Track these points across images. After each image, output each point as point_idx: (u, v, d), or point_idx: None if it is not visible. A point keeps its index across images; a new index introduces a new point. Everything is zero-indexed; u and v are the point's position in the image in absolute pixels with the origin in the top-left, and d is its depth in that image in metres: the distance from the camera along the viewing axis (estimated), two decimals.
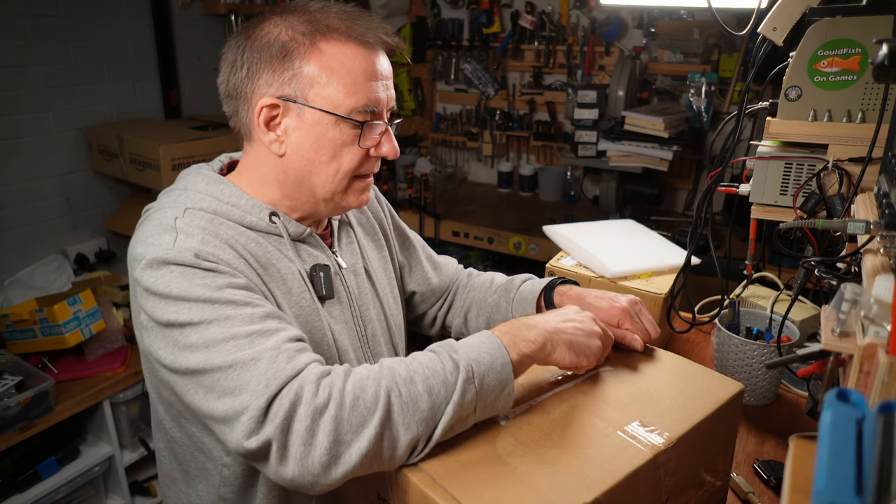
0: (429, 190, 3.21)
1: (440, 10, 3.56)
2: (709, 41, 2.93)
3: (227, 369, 0.76)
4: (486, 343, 0.82)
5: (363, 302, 1.08)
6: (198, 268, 0.81)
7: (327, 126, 0.91)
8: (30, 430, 1.94)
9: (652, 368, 0.96)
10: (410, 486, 0.74)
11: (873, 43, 0.71)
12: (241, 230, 0.93)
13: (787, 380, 1.37)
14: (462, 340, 0.84)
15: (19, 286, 2.42)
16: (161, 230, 0.86)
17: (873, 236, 0.74)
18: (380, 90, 0.93)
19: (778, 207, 1.16)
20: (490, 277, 1.30)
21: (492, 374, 0.79)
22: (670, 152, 2.67)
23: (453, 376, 0.77)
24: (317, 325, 0.97)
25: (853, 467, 0.35)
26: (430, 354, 0.81)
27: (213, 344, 0.77)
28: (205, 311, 0.79)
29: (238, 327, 0.78)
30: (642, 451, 0.75)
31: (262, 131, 0.93)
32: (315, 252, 1.02)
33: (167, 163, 2.34)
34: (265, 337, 0.78)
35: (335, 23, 0.91)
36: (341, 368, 0.78)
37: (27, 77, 2.42)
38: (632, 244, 1.58)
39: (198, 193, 0.94)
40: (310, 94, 0.90)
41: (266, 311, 0.82)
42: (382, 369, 0.78)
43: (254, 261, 0.91)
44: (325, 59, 0.89)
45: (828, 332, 0.64)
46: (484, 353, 0.80)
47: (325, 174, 0.94)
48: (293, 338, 0.81)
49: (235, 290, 0.82)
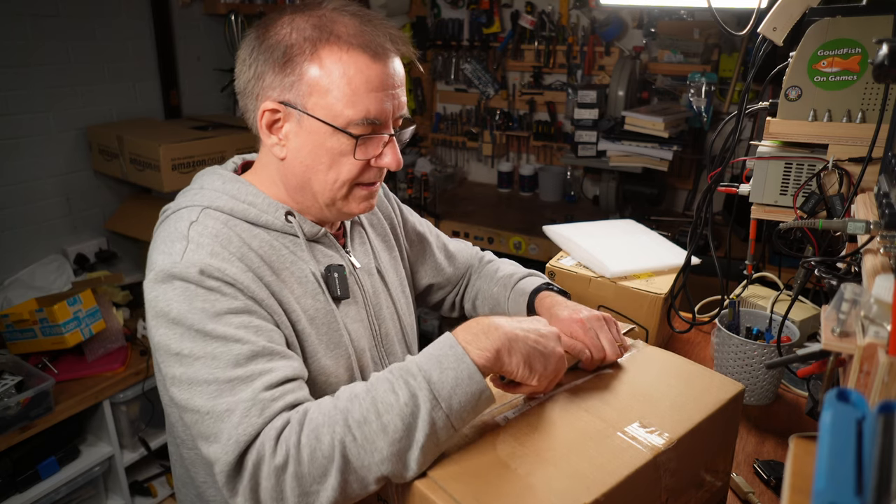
0: (429, 190, 3.21)
1: (440, 10, 3.56)
2: (709, 41, 2.93)
3: (205, 415, 0.78)
4: (449, 356, 0.77)
5: (377, 301, 1.09)
6: (200, 286, 0.82)
7: (325, 135, 0.90)
8: (30, 430, 1.94)
9: (652, 368, 0.96)
10: (411, 488, 0.74)
11: (873, 43, 0.71)
12: (256, 231, 0.93)
13: (787, 380, 1.37)
14: (424, 354, 0.79)
15: (19, 286, 2.42)
16: (174, 237, 0.88)
17: (873, 236, 0.74)
18: (384, 101, 0.90)
19: (778, 207, 1.16)
20: (496, 267, 1.32)
21: (460, 391, 0.75)
22: (670, 152, 2.67)
23: (409, 408, 0.74)
24: (333, 325, 0.97)
25: (853, 467, 0.35)
26: (387, 383, 0.76)
27: (195, 383, 0.79)
28: (195, 344, 0.80)
29: (221, 371, 0.79)
30: (642, 452, 0.75)
31: (266, 134, 0.93)
32: (329, 252, 1.02)
33: (167, 163, 2.34)
34: (245, 384, 0.78)
35: (341, 28, 0.88)
36: (298, 415, 0.77)
37: (27, 77, 2.42)
38: (632, 244, 1.58)
39: (215, 192, 0.95)
40: (309, 101, 0.89)
41: (255, 349, 0.81)
42: (336, 412, 0.76)
43: (265, 268, 0.90)
44: (326, 68, 0.88)
45: (828, 332, 0.64)
46: (448, 370, 0.76)
47: (323, 181, 0.94)
48: (274, 382, 0.79)
49: (233, 316, 0.82)
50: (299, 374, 0.84)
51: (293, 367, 0.83)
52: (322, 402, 0.78)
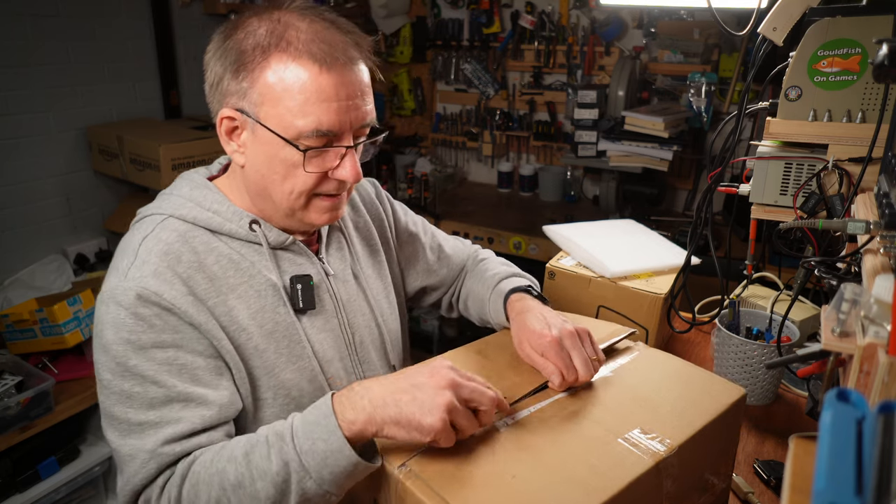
0: (429, 190, 3.21)
1: (440, 10, 3.56)
2: (709, 41, 2.93)
3: (114, 448, 0.84)
4: (322, 427, 0.76)
5: (351, 309, 1.05)
6: (133, 314, 0.83)
7: (278, 146, 0.87)
8: (30, 430, 1.94)
9: (652, 373, 0.95)
10: (408, 494, 0.73)
11: (873, 43, 0.71)
12: (215, 244, 0.92)
13: (787, 380, 1.37)
14: (303, 419, 0.79)
15: (19, 286, 2.42)
16: (127, 250, 0.89)
17: (873, 236, 0.74)
18: (338, 111, 0.86)
19: (778, 207, 1.16)
20: (485, 266, 1.27)
21: (330, 462, 0.74)
22: (670, 152, 2.67)
23: (281, 476, 0.75)
24: (295, 338, 0.95)
25: (853, 467, 0.35)
26: (264, 448, 0.77)
27: (109, 416, 0.84)
28: (114, 378, 0.83)
29: (134, 412, 0.82)
30: (643, 459, 0.75)
31: (225, 141, 0.92)
32: (300, 260, 0.99)
33: (167, 163, 2.34)
34: (153, 430, 0.82)
35: (294, 34, 0.84)
36: (183, 468, 0.81)
37: (27, 77, 2.42)
38: (632, 244, 1.58)
39: (181, 199, 0.94)
40: (261, 111, 0.86)
41: (171, 394, 0.83)
42: (214, 473, 0.78)
43: (215, 287, 0.89)
44: (276, 76, 0.84)
45: (828, 332, 0.64)
46: (318, 441, 0.75)
47: (280, 192, 0.91)
48: (178, 436, 0.82)
49: (159, 351, 0.83)
50: (210, 422, 0.85)
51: (203, 416, 0.84)
52: (205, 457, 0.81)
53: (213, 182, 0.99)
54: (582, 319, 1.09)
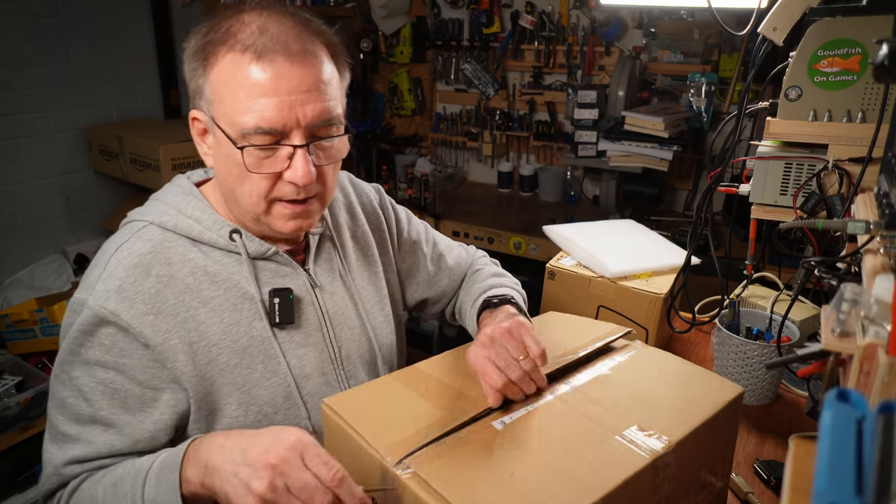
0: (429, 190, 3.21)
1: (440, 10, 3.56)
2: (709, 41, 2.93)
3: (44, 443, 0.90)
4: (169, 480, 0.78)
5: (339, 322, 1.02)
6: (87, 331, 0.85)
7: (230, 146, 0.83)
8: (30, 430, 1.95)
9: (651, 370, 0.95)
10: (406, 490, 0.73)
11: (873, 43, 0.71)
12: (192, 254, 0.90)
13: (787, 380, 1.37)
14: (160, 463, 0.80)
15: (19, 286, 2.42)
16: (101, 260, 0.90)
17: (873, 236, 0.74)
18: (279, 107, 0.80)
19: (778, 207, 1.16)
20: (476, 278, 1.24)
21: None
22: (670, 152, 2.67)
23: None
24: (270, 353, 0.93)
25: (853, 467, 0.35)
26: (129, 483, 0.80)
27: (49, 413, 0.90)
28: (58, 383, 0.88)
29: (62, 422, 0.87)
30: (641, 456, 0.75)
31: (198, 143, 0.91)
32: (283, 271, 0.96)
33: (167, 163, 2.34)
34: (70, 445, 0.86)
35: (239, 29, 0.82)
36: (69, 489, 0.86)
37: (27, 77, 2.42)
38: (632, 244, 1.58)
39: (164, 205, 0.93)
40: (214, 109, 0.84)
41: (96, 416, 0.85)
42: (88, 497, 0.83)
43: (184, 302, 0.87)
44: (221, 73, 0.82)
45: (828, 332, 0.64)
46: (162, 493, 0.78)
47: (242, 195, 0.87)
48: (84, 457, 0.85)
49: (100, 370, 0.85)
50: (116, 451, 0.86)
51: (112, 444, 0.85)
52: (94, 477, 0.85)
53: (202, 188, 0.97)
54: (580, 319, 1.10)
